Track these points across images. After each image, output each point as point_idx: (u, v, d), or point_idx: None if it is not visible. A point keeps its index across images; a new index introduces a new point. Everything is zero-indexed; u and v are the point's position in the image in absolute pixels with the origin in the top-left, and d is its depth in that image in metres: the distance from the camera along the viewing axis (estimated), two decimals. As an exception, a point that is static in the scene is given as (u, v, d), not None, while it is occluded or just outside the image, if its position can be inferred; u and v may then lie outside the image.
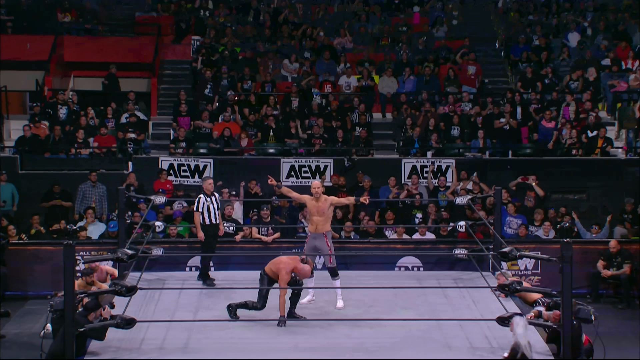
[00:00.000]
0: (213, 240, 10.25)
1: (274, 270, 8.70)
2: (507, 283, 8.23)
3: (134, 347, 8.10)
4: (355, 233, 12.46)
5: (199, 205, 10.12)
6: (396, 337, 8.39)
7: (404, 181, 13.95)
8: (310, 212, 9.37)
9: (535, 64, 16.34)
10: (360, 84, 16.19)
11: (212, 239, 10.22)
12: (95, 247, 11.65)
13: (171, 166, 14.05)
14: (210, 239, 10.20)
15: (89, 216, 12.61)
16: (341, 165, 14.27)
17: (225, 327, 8.60)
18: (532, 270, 11.79)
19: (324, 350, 8.04)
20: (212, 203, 10.12)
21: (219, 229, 10.28)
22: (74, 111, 15.07)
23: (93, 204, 13.08)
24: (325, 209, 9.25)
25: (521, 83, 16.14)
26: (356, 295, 9.61)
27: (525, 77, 16.14)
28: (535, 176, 13.41)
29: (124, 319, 7.84)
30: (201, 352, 8.01)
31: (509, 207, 12.59)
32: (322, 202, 9.27)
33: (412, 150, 14.74)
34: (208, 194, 10.12)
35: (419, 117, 15.25)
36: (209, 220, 10.11)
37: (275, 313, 8.99)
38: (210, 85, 15.82)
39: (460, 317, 8.91)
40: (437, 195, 13.38)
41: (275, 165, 14.23)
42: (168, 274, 10.96)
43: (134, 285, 7.95)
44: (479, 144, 14.66)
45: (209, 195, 10.12)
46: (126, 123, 14.90)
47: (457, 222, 11.50)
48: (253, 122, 15.08)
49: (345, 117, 15.27)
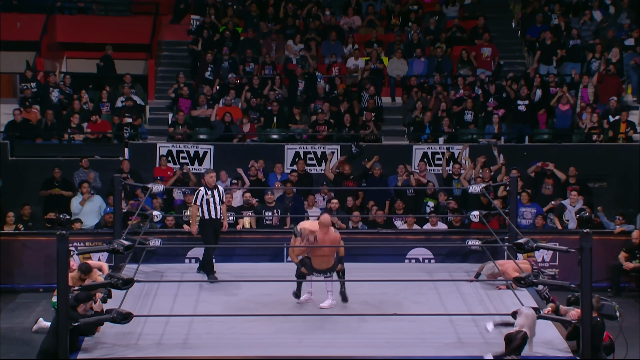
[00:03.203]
0: (213, 234, 10.22)
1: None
2: (522, 276, 8.21)
3: (130, 343, 8.11)
4: (363, 223, 12.46)
5: (197, 198, 10.11)
6: (406, 332, 8.39)
7: (414, 169, 13.92)
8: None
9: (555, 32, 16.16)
10: (369, 66, 16.13)
11: (211, 234, 10.19)
12: (90, 237, 11.67)
13: (169, 152, 14.05)
14: (210, 233, 10.16)
15: (84, 190, 12.61)
16: (348, 152, 14.25)
17: (226, 321, 8.61)
18: (549, 262, 11.77)
19: (330, 347, 8.05)
20: (212, 197, 10.09)
21: (220, 224, 10.25)
22: (66, 95, 15.06)
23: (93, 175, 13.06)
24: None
25: (540, 53, 15.99)
26: (364, 288, 9.61)
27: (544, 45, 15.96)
28: (553, 163, 13.37)
29: (120, 314, 7.85)
30: (201, 348, 8.02)
31: (522, 197, 12.56)
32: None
33: (423, 136, 14.70)
34: (209, 187, 10.09)
35: (430, 100, 15.21)
36: (208, 215, 10.09)
37: (278, 307, 9.02)
38: (210, 67, 15.79)
39: (473, 311, 8.91)
40: (452, 183, 13.36)
41: (279, 152, 14.22)
42: (166, 266, 10.99)
43: (131, 278, 7.96)
44: (494, 129, 14.62)
45: (210, 188, 10.08)
46: (122, 107, 14.89)
47: (470, 212, 11.47)
48: (255, 106, 15.06)
49: (352, 101, 15.23)
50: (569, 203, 12.38)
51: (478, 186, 11.48)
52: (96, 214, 12.64)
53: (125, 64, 16.40)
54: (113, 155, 14.09)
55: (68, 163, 13.57)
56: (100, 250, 9.62)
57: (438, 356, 7.88)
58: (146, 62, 16.71)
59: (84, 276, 8.97)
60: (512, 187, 11.04)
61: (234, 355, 7.86)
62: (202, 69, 15.88)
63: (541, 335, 8.15)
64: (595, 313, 7.85)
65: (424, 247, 11.72)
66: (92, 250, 10.73)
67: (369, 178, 13.45)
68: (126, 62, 16.53)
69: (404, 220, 12.38)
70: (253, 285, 9.78)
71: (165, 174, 13.43)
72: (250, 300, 9.41)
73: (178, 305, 9.27)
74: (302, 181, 13.39)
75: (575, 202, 12.32)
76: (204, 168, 14.08)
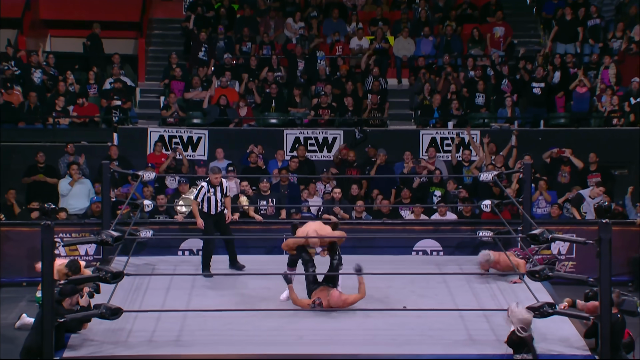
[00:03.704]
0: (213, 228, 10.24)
1: None
2: (537, 269, 8.20)
3: (120, 340, 8.12)
4: (367, 213, 12.45)
5: (198, 194, 10.14)
6: (412, 329, 8.40)
7: (421, 155, 13.90)
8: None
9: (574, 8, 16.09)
10: (373, 46, 16.08)
11: (211, 228, 10.21)
12: (77, 228, 11.66)
13: (161, 138, 14.04)
14: (210, 227, 10.19)
15: (73, 172, 12.62)
16: (351, 137, 14.22)
17: (221, 317, 8.61)
18: (566, 254, 11.77)
19: (332, 344, 8.06)
20: (214, 194, 10.12)
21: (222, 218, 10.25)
22: (51, 76, 15.02)
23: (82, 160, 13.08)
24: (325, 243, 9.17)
25: (557, 29, 15.92)
26: (368, 282, 9.59)
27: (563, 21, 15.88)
28: (570, 150, 13.34)
29: (109, 309, 7.86)
30: (195, 345, 8.03)
31: (540, 184, 12.53)
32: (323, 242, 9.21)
33: (431, 121, 14.68)
34: (212, 185, 10.10)
35: (439, 82, 15.17)
36: (207, 209, 10.12)
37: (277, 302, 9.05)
38: (205, 47, 15.76)
39: (485, 307, 8.91)
40: (462, 171, 13.34)
41: (278, 137, 14.20)
42: (158, 259, 10.99)
43: (120, 271, 7.97)
44: (507, 113, 14.59)
45: (213, 186, 10.10)
46: (110, 89, 14.86)
47: (481, 201, 11.45)
48: (253, 88, 15.02)
49: (356, 84, 15.20)
50: (588, 195, 12.25)
51: (490, 174, 11.45)
52: (85, 197, 12.66)
53: (114, 43, 16.35)
54: (101, 140, 14.08)
55: (53, 148, 13.56)
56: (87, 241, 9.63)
57: (447, 354, 7.89)
58: (136, 41, 16.67)
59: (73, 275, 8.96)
60: (526, 174, 11.02)
61: (230, 353, 7.87)
62: (195, 49, 15.84)
63: (557, 332, 8.16)
64: (615, 309, 7.84)
65: (432, 239, 11.72)
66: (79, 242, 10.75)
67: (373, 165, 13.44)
68: (115, 41, 16.49)
69: (411, 210, 12.37)
70: (250, 279, 9.79)
71: (160, 160, 13.41)
72: (247, 295, 9.41)
73: (170, 300, 9.27)
74: (303, 168, 13.38)
75: (596, 195, 12.18)
76: (198, 154, 14.08)
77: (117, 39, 16.69)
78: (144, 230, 11.08)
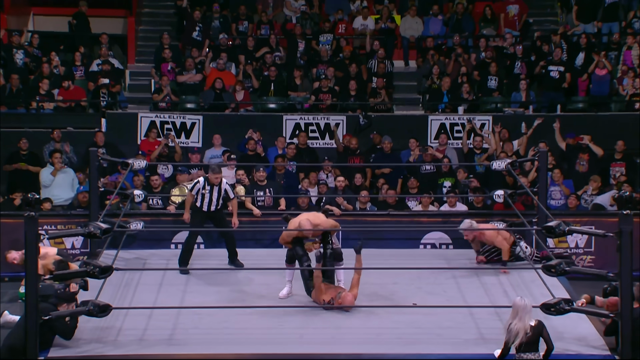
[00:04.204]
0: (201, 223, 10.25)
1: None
2: (553, 263, 8.19)
3: (109, 339, 8.13)
4: (372, 204, 12.44)
5: (193, 187, 10.13)
6: (420, 327, 8.40)
7: (429, 142, 13.88)
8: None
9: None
10: (379, 26, 16.05)
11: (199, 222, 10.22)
12: (63, 219, 11.66)
13: (152, 124, 14.02)
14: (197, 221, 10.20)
15: (56, 161, 12.61)
16: (355, 123, 14.20)
17: (217, 314, 8.62)
18: (584, 248, 11.76)
19: (334, 343, 8.06)
20: (210, 192, 10.08)
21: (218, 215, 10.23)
22: (34, 57, 14.99)
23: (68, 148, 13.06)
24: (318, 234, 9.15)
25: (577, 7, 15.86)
26: (373, 277, 9.60)
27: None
28: (590, 136, 13.31)
29: (97, 306, 7.85)
30: (189, 344, 8.03)
31: (554, 174, 12.52)
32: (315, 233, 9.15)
33: (440, 106, 14.65)
34: (210, 183, 10.07)
35: (449, 64, 15.13)
36: (200, 204, 10.09)
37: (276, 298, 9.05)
38: (199, 27, 15.72)
39: (497, 303, 8.91)
40: (473, 159, 13.32)
41: (277, 123, 14.18)
42: (150, 252, 10.98)
43: (109, 266, 7.96)
44: (521, 97, 14.55)
45: (210, 184, 10.07)
46: (98, 72, 14.84)
47: (493, 191, 11.43)
48: (250, 71, 14.99)
49: (360, 66, 15.17)
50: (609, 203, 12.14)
51: (502, 162, 11.41)
52: (70, 186, 12.64)
53: (102, 22, 16.33)
54: (88, 126, 14.07)
55: (36, 135, 13.56)
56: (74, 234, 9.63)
57: (456, 354, 7.89)
58: (125, 20, 16.64)
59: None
60: (542, 162, 10.99)
61: (225, 352, 7.87)
62: (189, 29, 15.81)
63: (574, 330, 8.16)
64: (637, 304, 7.83)
65: (441, 231, 11.71)
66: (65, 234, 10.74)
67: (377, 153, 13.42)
68: (103, 20, 16.47)
69: (419, 200, 12.36)
70: (248, 274, 9.78)
71: (153, 148, 13.40)
72: (244, 291, 9.41)
73: (163, 297, 9.27)
74: (304, 156, 13.36)
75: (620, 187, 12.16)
76: (191, 141, 14.06)
77: (105, 18, 16.66)
78: (134, 222, 11.07)
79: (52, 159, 12.72)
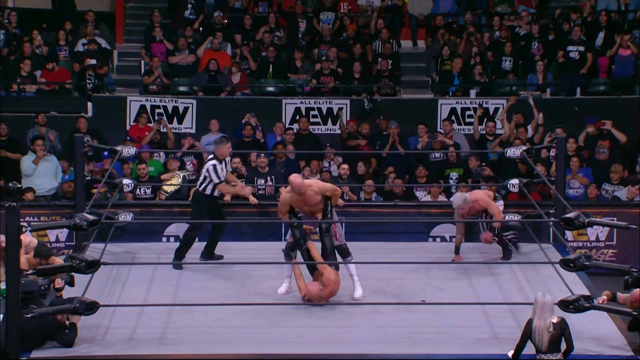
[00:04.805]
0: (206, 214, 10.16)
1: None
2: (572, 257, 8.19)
3: (96, 339, 8.14)
4: (377, 194, 12.44)
5: (218, 174, 9.92)
6: (429, 326, 8.41)
7: (439, 128, 13.88)
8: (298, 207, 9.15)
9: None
10: (385, 3, 16.02)
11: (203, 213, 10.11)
12: (46, 210, 11.68)
13: (142, 108, 14.02)
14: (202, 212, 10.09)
15: (38, 148, 12.60)
16: (360, 107, 14.19)
17: (212, 312, 8.63)
18: (605, 241, 11.77)
19: (337, 343, 8.07)
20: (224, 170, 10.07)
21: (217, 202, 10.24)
22: (14, 36, 14.97)
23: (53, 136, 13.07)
24: (315, 201, 9.11)
25: None
26: (379, 273, 9.62)
27: None
28: (611, 121, 13.29)
29: (84, 303, 7.86)
30: (182, 344, 8.04)
31: (572, 162, 12.52)
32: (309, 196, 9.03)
33: (451, 89, 14.64)
34: (221, 160, 10.01)
35: (460, 44, 15.12)
36: (210, 192, 9.98)
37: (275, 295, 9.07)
38: (192, 4, 15.70)
39: (511, 300, 8.92)
40: (486, 146, 13.30)
41: (276, 107, 14.18)
42: (140, 246, 11.00)
43: (96, 260, 7.96)
44: (538, 79, 14.54)
45: (221, 161, 10.02)
46: (84, 52, 14.84)
47: (507, 180, 11.44)
48: (247, 52, 14.97)
49: (364, 46, 15.15)
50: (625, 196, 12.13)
51: (517, 149, 11.40)
52: (53, 175, 12.64)
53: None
54: (73, 110, 14.08)
55: (17, 120, 13.56)
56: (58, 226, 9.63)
57: (468, 354, 7.90)
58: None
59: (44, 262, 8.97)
60: (560, 149, 10.99)
61: (221, 352, 7.88)
62: (181, 6, 15.79)
63: (595, 329, 8.16)
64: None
65: (451, 223, 11.71)
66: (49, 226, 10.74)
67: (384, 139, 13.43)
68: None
69: (427, 190, 12.37)
70: (245, 269, 9.79)
71: (143, 134, 13.40)
72: (241, 288, 9.42)
73: (154, 293, 9.28)
74: (305, 142, 13.36)
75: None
76: (184, 127, 14.06)
77: (92, -6, 16.64)
78: (123, 213, 11.08)
79: (34, 147, 12.71)
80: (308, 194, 8.96)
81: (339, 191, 9.23)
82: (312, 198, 8.99)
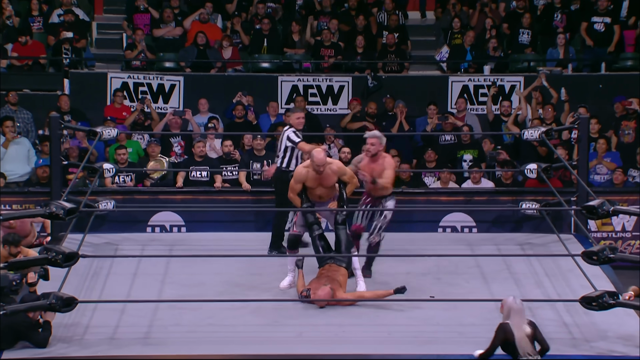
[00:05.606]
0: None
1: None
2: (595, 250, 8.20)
3: (74, 338, 8.15)
4: (382, 180, 12.45)
5: (298, 135, 9.97)
6: (438, 324, 8.44)
7: (450, 107, 13.88)
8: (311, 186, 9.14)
9: None
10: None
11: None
12: (19, 197, 11.70)
13: (125, 85, 14.02)
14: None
15: (7, 130, 12.61)
16: (363, 85, 14.18)
17: (202, 309, 8.65)
18: (632, 232, 11.79)
19: (338, 342, 8.08)
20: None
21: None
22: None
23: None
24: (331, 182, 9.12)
25: None
26: (384, 266, 9.64)
27: None
28: (638, 99, 13.30)
29: (60, 299, 7.86)
30: (168, 344, 8.06)
31: (599, 145, 12.52)
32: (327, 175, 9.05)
33: (463, 65, 14.63)
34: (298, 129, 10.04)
35: (473, 16, 15.10)
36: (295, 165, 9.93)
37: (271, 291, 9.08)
38: (178, -30, 15.68)
39: (528, 296, 8.93)
40: (501, 127, 13.31)
41: (271, 85, 14.17)
42: (122, 236, 11.03)
43: (74, 252, 7.97)
44: (559, 54, 14.53)
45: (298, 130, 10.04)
46: (59, 24, 14.82)
47: (525, 165, 11.44)
48: (239, 24, 14.95)
49: (368, 18, 15.13)
50: None
51: (536, 130, 11.38)
52: (25, 159, 12.64)
53: (64, -35, 16.25)
54: (48, 88, 14.11)
55: (-13, 98, 13.57)
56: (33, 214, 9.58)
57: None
58: (91, -38, 16.57)
59: (14, 249, 8.98)
60: (582, 131, 10.99)
61: (211, 353, 7.89)
62: (166, -27, 15.78)
63: (620, 328, 8.17)
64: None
65: (463, 212, 11.74)
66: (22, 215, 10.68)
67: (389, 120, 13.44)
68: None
69: (437, 176, 12.37)
70: (237, 262, 9.80)
71: (120, 114, 13.41)
72: (233, 282, 9.43)
73: (138, 288, 9.30)
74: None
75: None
76: (170, 106, 14.06)
77: (68, -41, 16.57)
78: (104, 201, 11.09)
79: (3, 128, 12.69)
80: (326, 172, 9.00)
81: (355, 179, 9.26)
82: (329, 178, 9.04)
